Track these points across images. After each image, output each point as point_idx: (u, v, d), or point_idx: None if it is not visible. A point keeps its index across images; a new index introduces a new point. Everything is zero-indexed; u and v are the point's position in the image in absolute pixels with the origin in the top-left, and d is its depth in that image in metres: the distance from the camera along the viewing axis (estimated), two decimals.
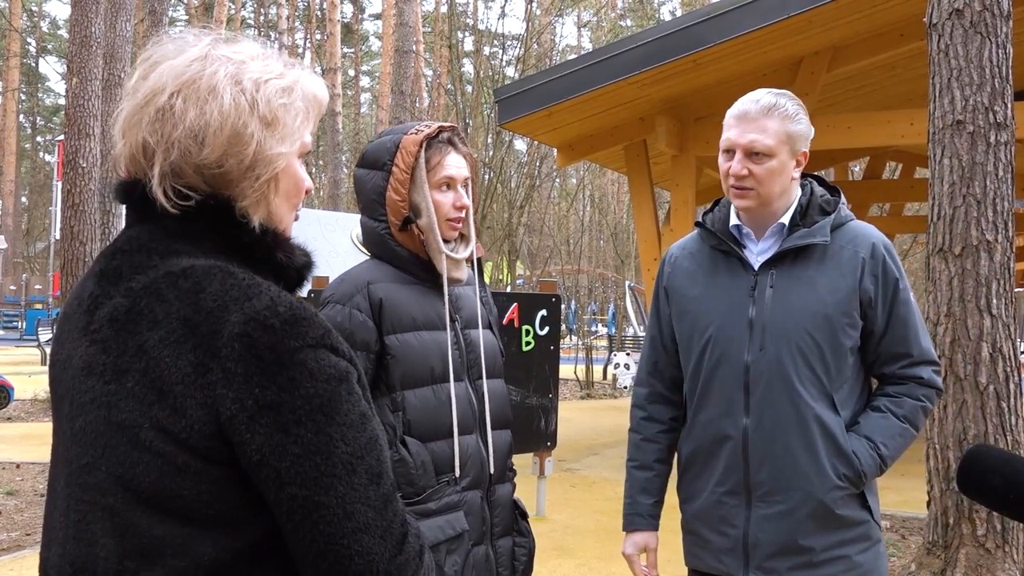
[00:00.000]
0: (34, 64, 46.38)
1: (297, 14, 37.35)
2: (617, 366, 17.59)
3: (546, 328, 6.75)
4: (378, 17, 43.26)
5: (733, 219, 2.37)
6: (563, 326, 20.52)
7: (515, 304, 6.60)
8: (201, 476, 1.17)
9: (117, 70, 12.64)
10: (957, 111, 4.85)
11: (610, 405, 15.33)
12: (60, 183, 16.00)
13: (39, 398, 12.76)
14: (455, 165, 2.31)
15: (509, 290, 17.63)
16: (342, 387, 1.20)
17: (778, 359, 2.24)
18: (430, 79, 31.09)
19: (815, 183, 2.39)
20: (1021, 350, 6.71)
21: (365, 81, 47.85)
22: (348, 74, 42.82)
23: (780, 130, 2.25)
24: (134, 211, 1.30)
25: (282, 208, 1.33)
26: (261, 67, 1.29)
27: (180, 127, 1.23)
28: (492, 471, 2.32)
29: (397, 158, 2.27)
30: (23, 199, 47.65)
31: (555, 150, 10.41)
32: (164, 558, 1.18)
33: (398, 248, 2.29)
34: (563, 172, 29.61)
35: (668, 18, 34.34)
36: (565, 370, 13.59)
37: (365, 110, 45.37)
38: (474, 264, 2.42)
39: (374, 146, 2.35)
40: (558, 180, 31.47)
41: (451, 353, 2.27)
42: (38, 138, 50.91)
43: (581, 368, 17.48)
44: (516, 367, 6.50)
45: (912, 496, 6.06)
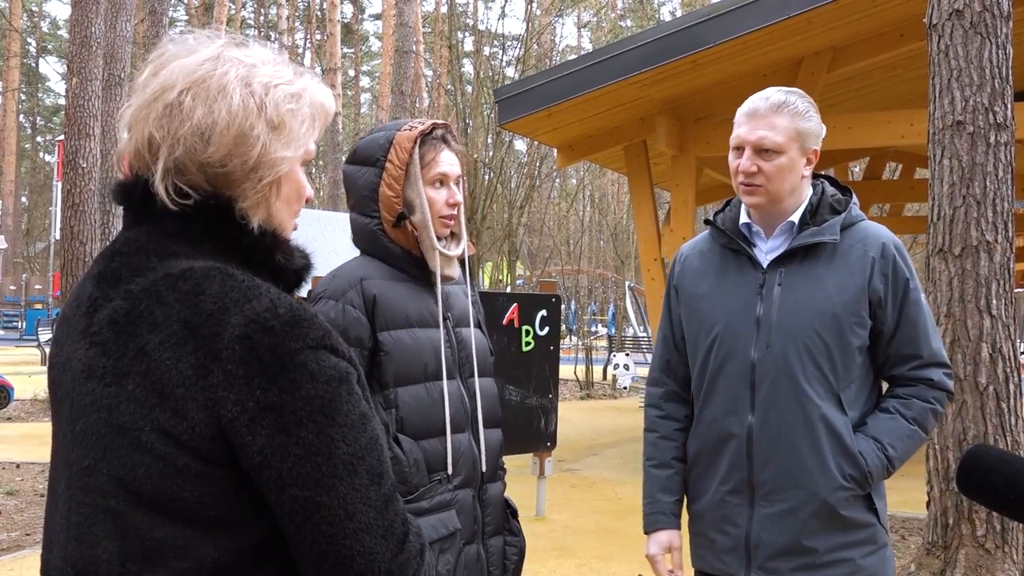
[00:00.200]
0: (34, 64, 46.39)
1: (297, 14, 37.35)
2: (617, 366, 17.59)
3: (546, 328, 6.73)
4: (378, 17, 43.29)
5: (743, 217, 2.36)
6: (563, 326, 20.52)
7: (515, 304, 6.58)
8: (202, 478, 1.18)
9: (117, 70, 12.64)
10: (957, 112, 4.85)
11: (610, 405, 15.34)
12: (60, 183, 15.99)
13: (39, 398, 12.76)
14: (448, 162, 2.31)
15: (509, 290, 17.63)
16: (342, 388, 1.20)
17: (784, 357, 2.22)
18: (430, 79, 31.08)
19: (827, 183, 2.37)
20: (1021, 351, 6.71)
21: (365, 81, 47.87)
22: (348, 74, 42.82)
23: (790, 127, 2.24)
24: (132, 212, 1.30)
25: (282, 213, 1.33)
26: (272, 72, 1.29)
27: (187, 124, 1.23)
28: (484, 469, 2.31)
29: (391, 154, 2.26)
30: (23, 199, 47.64)
31: (555, 150, 10.41)
32: (166, 560, 1.18)
33: (391, 244, 2.29)
34: (563, 172, 29.62)
35: (668, 19, 34.35)
36: (565, 370, 13.60)
37: (365, 110, 45.38)
38: (465, 263, 2.41)
39: (366, 142, 2.34)
40: (558, 180, 31.47)
41: (443, 352, 2.26)
42: (38, 138, 50.91)
43: (581, 368, 17.48)
44: (516, 367, 6.48)
45: (912, 496, 6.06)
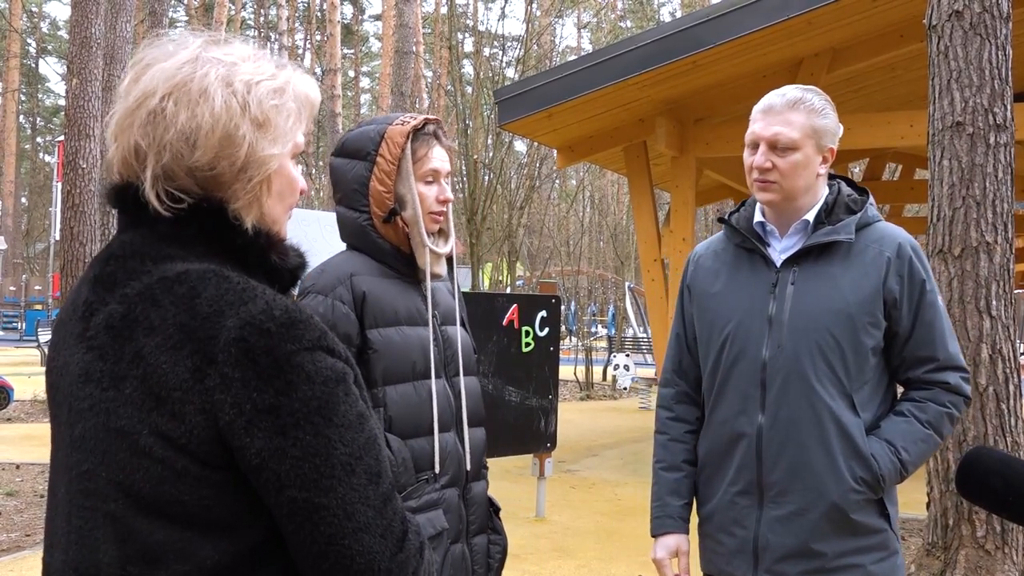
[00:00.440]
0: (34, 65, 46.38)
1: (297, 15, 37.34)
2: (617, 367, 17.60)
3: (546, 329, 6.73)
4: (378, 18, 43.28)
5: (757, 216, 2.34)
6: (563, 327, 20.51)
7: (515, 305, 6.58)
8: (201, 481, 1.18)
9: (117, 71, 12.65)
10: (957, 113, 4.85)
11: (610, 406, 15.34)
12: (60, 184, 15.99)
13: (39, 399, 12.75)
14: (440, 158, 2.29)
15: (509, 291, 17.62)
16: (339, 388, 1.20)
17: (796, 356, 2.20)
18: (430, 80, 31.09)
19: (843, 183, 2.35)
20: (1021, 352, 6.71)
21: (365, 82, 47.88)
22: (348, 75, 42.81)
23: (805, 124, 2.22)
24: (127, 215, 1.30)
25: (276, 209, 1.32)
26: (252, 68, 1.28)
27: (172, 130, 1.23)
28: (468, 468, 2.30)
29: (383, 149, 2.24)
30: (23, 200, 47.63)
31: (555, 151, 10.42)
32: (166, 563, 1.18)
33: (380, 240, 2.26)
34: (563, 173, 29.62)
35: (668, 19, 34.37)
36: (565, 371, 13.60)
37: (365, 111, 45.36)
38: (452, 260, 2.39)
39: (355, 135, 2.31)
40: (558, 181, 31.48)
41: (431, 350, 2.25)
42: (38, 139, 50.89)
43: (581, 369, 17.47)
44: (516, 368, 6.49)
45: (912, 497, 6.05)
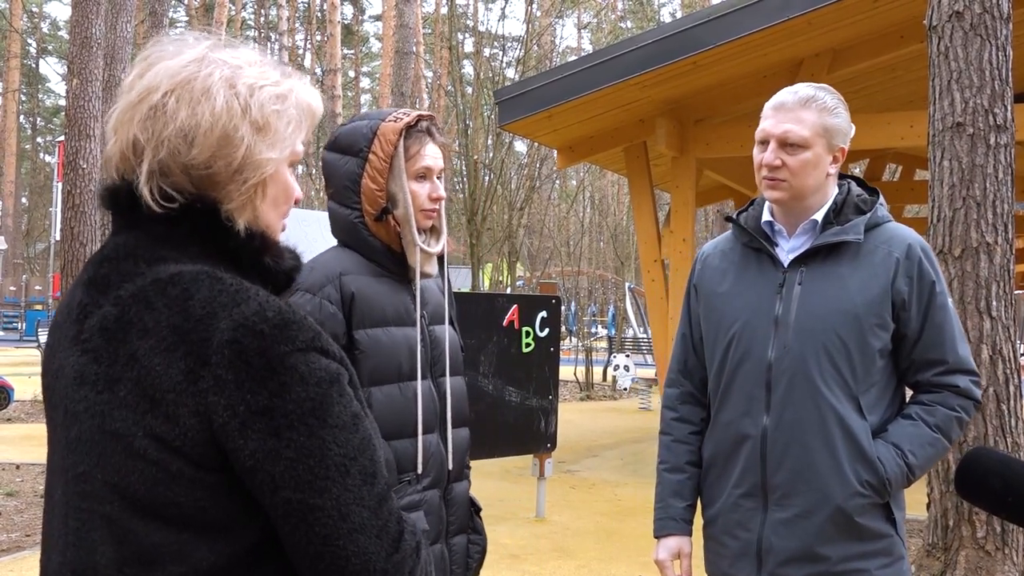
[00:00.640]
0: (35, 65, 46.38)
1: (297, 15, 37.35)
2: (617, 368, 17.59)
3: (546, 330, 6.74)
4: (378, 18, 43.27)
5: (766, 215, 2.32)
6: (563, 328, 20.51)
7: (515, 306, 6.58)
8: (196, 483, 1.18)
9: (118, 71, 12.64)
10: (957, 113, 4.85)
11: (610, 407, 15.35)
12: (60, 184, 15.98)
13: (39, 399, 12.75)
14: (432, 155, 2.26)
15: (509, 291, 17.63)
16: (333, 389, 1.20)
17: (802, 357, 2.17)
18: (430, 80, 31.09)
19: (853, 182, 2.33)
20: (1021, 352, 6.70)
21: (365, 82, 47.88)
22: (348, 75, 42.81)
23: (817, 122, 2.19)
24: (120, 217, 1.30)
25: (269, 215, 1.32)
26: (257, 73, 1.29)
27: (171, 126, 1.23)
28: (451, 468, 2.28)
29: (375, 145, 2.20)
30: (23, 200, 47.65)
31: (555, 152, 10.41)
32: (163, 564, 1.18)
33: (371, 238, 2.23)
34: (563, 174, 29.63)
35: (668, 20, 34.37)
36: (565, 372, 13.60)
37: (365, 111, 45.30)
38: (443, 259, 2.37)
39: (348, 130, 2.27)
40: (558, 182, 31.49)
41: (419, 351, 2.22)
42: (38, 139, 50.91)
43: (581, 370, 17.47)
44: (516, 368, 6.50)
45: (912, 498, 6.05)
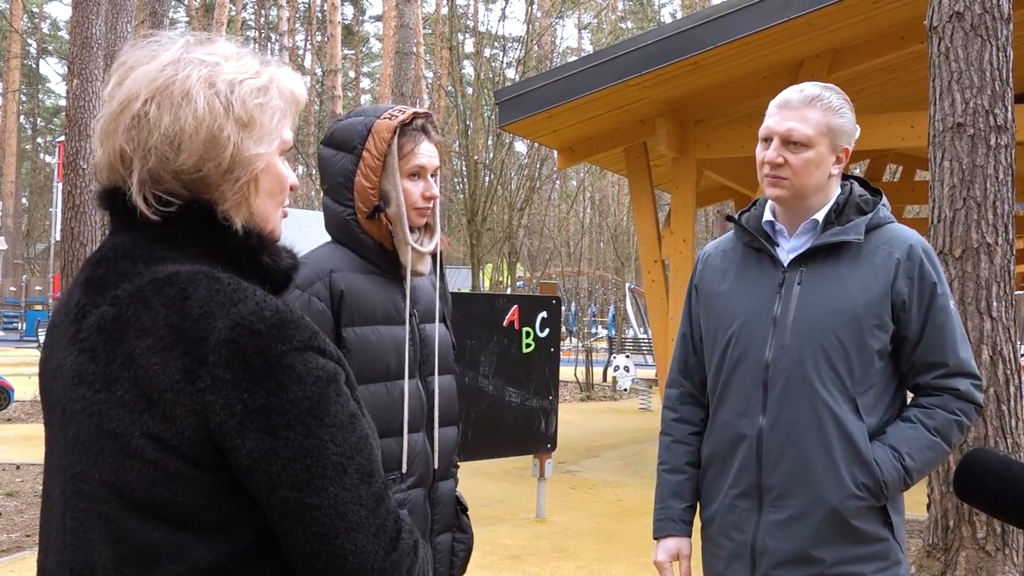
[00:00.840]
0: (35, 65, 46.38)
1: (298, 16, 37.36)
2: (617, 368, 17.59)
3: (546, 330, 6.74)
4: (379, 19, 43.28)
5: (767, 215, 2.31)
6: (563, 328, 20.51)
7: (515, 306, 6.59)
8: (193, 482, 1.18)
9: None
10: (957, 114, 4.85)
11: (610, 407, 15.34)
12: (60, 184, 15.97)
13: (39, 399, 12.73)
14: (427, 154, 2.24)
15: (509, 292, 17.63)
16: (330, 388, 1.20)
17: (799, 357, 2.16)
18: (431, 81, 31.08)
19: (856, 183, 2.32)
20: (1021, 353, 6.70)
21: (366, 83, 47.87)
22: (349, 76, 42.81)
23: (821, 121, 2.18)
24: (118, 218, 1.29)
25: (266, 207, 1.31)
26: (235, 68, 1.27)
27: (156, 134, 1.22)
28: (436, 467, 2.27)
29: (369, 143, 2.19)
30: (23, 200, 47.63)
31: (555, 152, 10.41)
32: (160, 564, 1.18)
33: (363, 236, 2.23)
34: (563, 174, 29.63)
35: (668, 20, 34.36)
36: (565, 372, 13.59)
37: (362, 107, 45.23)
38: (437, 257, 2.36)
39: (343, 126, 2.26)
40: (558, 182, 31.49)
41: (407, 350, 2.21)
42: (39, 139, 50.89)
43: (581, 370, 17.47)
44: (516, 369, 6.51)
45: (912, 499, 6.05)
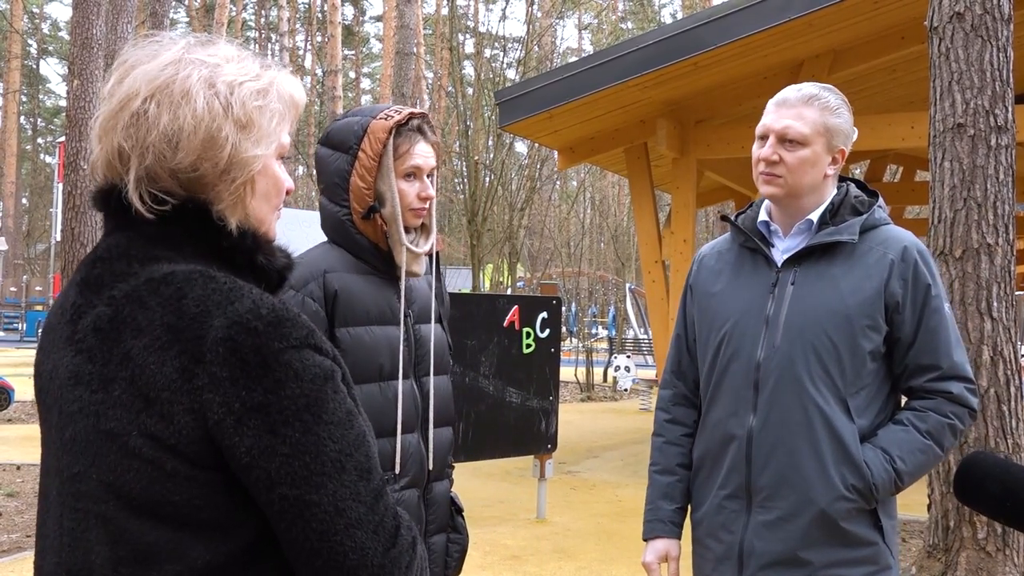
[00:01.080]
0: (35, 66, 46.40)
1: (298, 16, 37.36)
2: (617, 368, 17.59)
3: (547, 330, 6.75)
4: (379, 19, 43.27)
5: (762, 216, 2.31)
6: (564, 329, 20.51)
7: (516, 307, 6.59)
8: (191, 481, 1.18)
9: None
10: (958, 114, 4.85)
11: (610, 408, 15.34)
12: (61, 185, 15.97)
13: None
14: (423, 154, 2.24)
15: (509, 292, 17.64)
16: (328, 386, 1.20)
17: (790, 357, 2.15)
18: (431, 81, 31.08)
19: (852, 185, 2.31)
20: (1022, 353, 6.70)
21: (366, 83, 47.88)
22: (349, 76, 42.82)
23: (818, 120, 2.18)
24: (113, 218, 1.29)
25: (261, 210, 1.32)
26: (236, 69, 1.28)
27: (154, 132, 1.23)
28: (431, 468, 2.27)
29: (364, 143, 2.19)
30: (24, 201, 47.66)
31: (556, 153, 10.41)
32: (159, 563, 1.18)
33: (358, 236, 2.22)
34: (564, 175, 29.64)
35: (669, 21, 34.36)
36: (565, 372, 13.59)
37: (360, 107, 45.21)
38: (433, 257, 2.36)
39: (340, 126, 2.26)
40: (559, 183, 31.50)
41: (401, 350, 2.21)
42: (39, 140, 50.90)
43: (581, 371, 17.46)
44: (517, 369, 6.52)
45: (912, 499, 6.04)
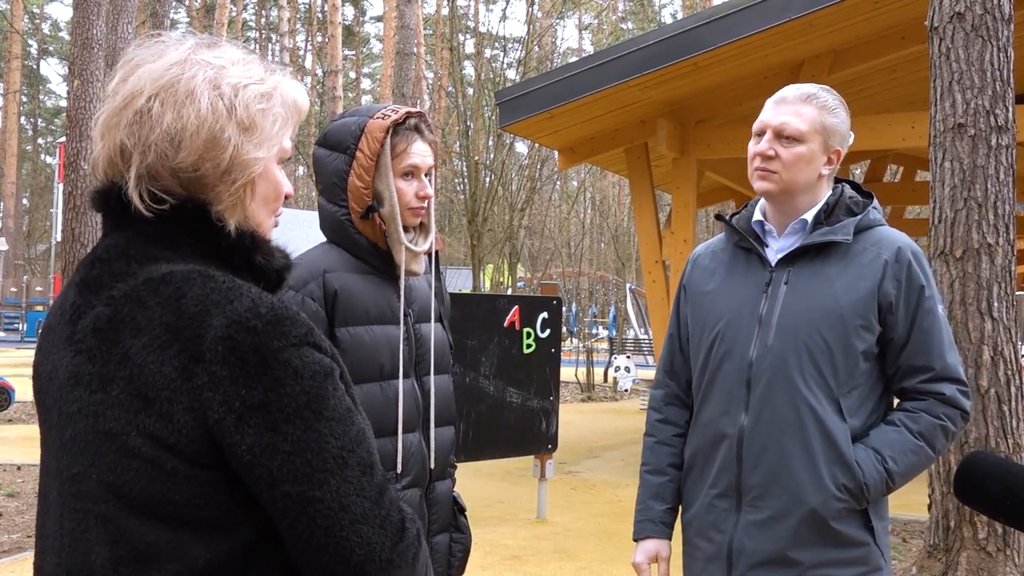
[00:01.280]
0: (35, 66, 46.38)
1: (298, 16, 37.35)
2: (617, 369, 17.59)
3: (547, 331, 6.75)
4: (379, 19, 43.26)
5: (757, 215, 2.32)
6: (564, 329, 20.50)
7: (516, 307, 6.59)
8: (191, 480, 1.18)
9: None
10: (958, 114, 4.85)
11: (610, 408, 15.34)
12: (61, 185, 15.99)
13: None
14: (420, 153, 2.24)
15: (510, 292, 17.63)
16: (327, 383, 1.21)
17: (783, 356, 2.16)
18: (431, 81, 31.07)
19: (848, 185, 2.32)
20: (1022, 353, 6.70)
21: (366, 83, 47.89)
22: (349, 76, 42.82)
23: (815, 119, 2.20)
24: (111, 218, 1.30)
25: (260, 213, 1.32)
26: (241, 72, 1.28)
27: (157, 130, 1.23)
28: (432, 467, 2.27)
29: (362, 143, 2.20)
30: (24, 201, 47.66)
31: (556, 153, 10.42)
32: (159, 563, 1.18)
33: (357, 236, 2.23)
34: (564, 175, 29.63)
35: (669, 21, 34.36)
36: (566, 373, 13.59)
37: (357, 107, 45.19)
38: (433, 256, 2.36)
39: (337, 126, 2.27)
40: (559, 183, 31.49)
41: (401, 349, 2.21)
42: (39, 140, 50.89)
43: (582, 371, 17.46)
44: (517, 369, 6.53)
45: (913, 499, 6.05)
